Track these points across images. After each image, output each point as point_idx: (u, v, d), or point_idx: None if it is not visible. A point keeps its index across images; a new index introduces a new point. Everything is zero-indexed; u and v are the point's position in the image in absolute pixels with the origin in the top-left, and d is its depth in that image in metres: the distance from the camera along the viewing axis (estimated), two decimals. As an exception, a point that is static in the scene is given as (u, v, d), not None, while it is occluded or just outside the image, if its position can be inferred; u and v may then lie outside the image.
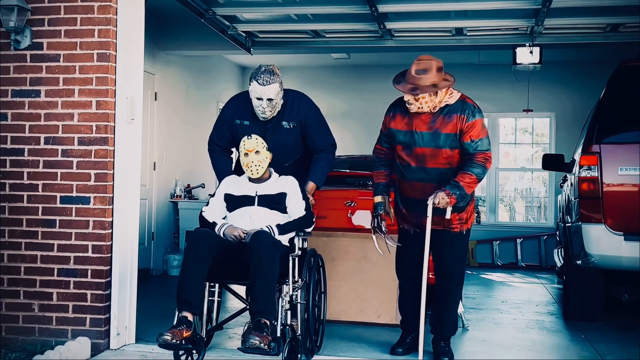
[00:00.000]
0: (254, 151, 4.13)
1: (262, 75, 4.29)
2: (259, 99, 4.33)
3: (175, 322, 3.73)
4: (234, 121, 4.54)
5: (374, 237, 4.45)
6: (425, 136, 4.16)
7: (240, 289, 4.79)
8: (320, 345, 4.51)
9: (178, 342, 3.60)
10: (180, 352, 3.92)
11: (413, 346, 4.45)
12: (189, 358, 3.99)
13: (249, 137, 4.16)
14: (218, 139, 4.67)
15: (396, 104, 4.32)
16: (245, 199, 4.18)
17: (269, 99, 4.32)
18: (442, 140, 4.13)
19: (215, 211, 4.21)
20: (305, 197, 4.25)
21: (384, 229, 4.39)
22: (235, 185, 4.27)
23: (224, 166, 4.66)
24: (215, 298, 4.10)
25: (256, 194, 4.17)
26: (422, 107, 4.10)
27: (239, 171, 4.42)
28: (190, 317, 3.74)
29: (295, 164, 4.62)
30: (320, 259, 4.55)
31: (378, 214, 4.41)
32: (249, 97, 4.47)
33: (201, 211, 4.24)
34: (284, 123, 4.50)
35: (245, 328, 4.76)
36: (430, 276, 4.40)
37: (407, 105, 4.14)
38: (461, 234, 4.35)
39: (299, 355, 4.05)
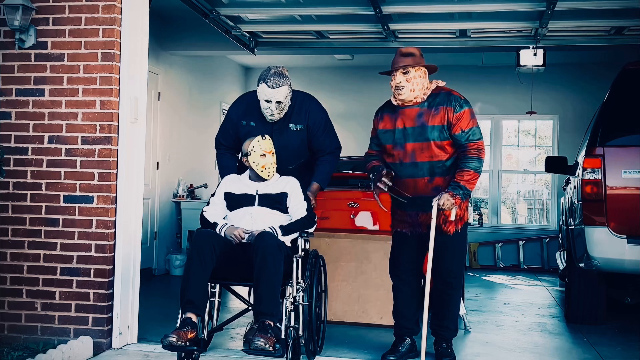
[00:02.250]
0: (271, 152, 4.14)
1: (272, 78, 4.26)
2: (267, 101, 4.32)
3: (179, 323, 3.72)
4: (240, 122, 4.51)
5: (376, 196, 4.32)
6: (413, 131, 4.19)
7: (241, 290, 4.79)
8: (322, 346, 4.51)
9: (183, 343, 3.58)
10: (182, 354, 3.91)
11: (407, 355, 4.42)
12: (190, 359, 3.98)
13: (264, 138, 4.16)
14: (224, 139, 4.66)
15: (383, 107, 4.38)
16: (245, 198, 4.17)
17: (278, 102, 4.31)
18: (429, 132, 4.15)
19: (216, 211, 4.20)
20: (306, 198, 4.25)
21: (387, 182, 4.19)
22: (235, 183, 4.26)
23: (227, 163, 4.65)
24: (216, 299, 4.10)
25: (257, 193, 4.17)
26: (400, 93, 4.15)
27: (242, 170, 4.41)
28: (194, 318, 3.73)
29: (299, 167, 4.60)
30: (322, 260, 4.54)
31: (378, 171, 4.26)
32: (255, 98, 4.46)
33: (202, 211, 4.23)
34: (291, 125, 4.48)
35: (248, 329, 4.76)
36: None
37: (394, 91, 4.19)
38: (455, 235, 4.28)
39: (301, 357, 4.05)
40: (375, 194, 4.35)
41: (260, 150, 4.12)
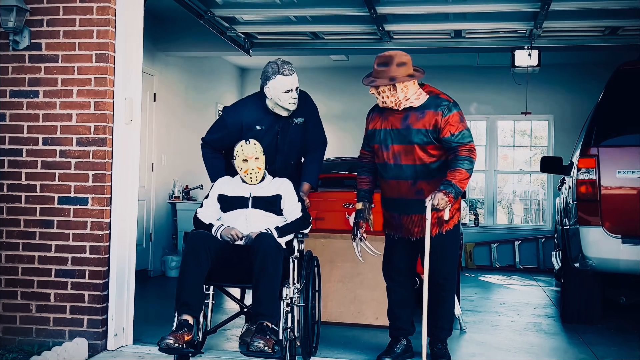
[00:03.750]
0: (253, 157, 4.12)
1: (286, 67, 4.33)
2: (288, 91, 4.34)
3: (175, 325, 3.70)
4: (247, 128, 4.46)
5: (353, 243, 4.44)
6: (397, 133, 4.16)
7: (235, 291, 4.78)
8: (317, 346, 4.50)
9: (180, 346, 3.57)
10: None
11: (402, 356, 4.43)
12: (184, 361, 3.96)
13: (247, 142, 4.14)
14: (215, 143, 4.59)
15: (375, 107, 4.35)
16: (239, 200, 4.16)
17: (296, 88, 4.37)
18: (414, 135, 4.11)
19: (210, 212, 4.19)
20: (300, 199, 4.25)
21: (359, 236, 4.39)
22: (228, 185, 4.25)
23: (216, 163, 4.62)
24: (210, 301, 4.05)
25: (250, 195, 4.16)
26: (385, 102, 4.12)
27: (231, 170, 4.39)
28: (190, 320, 3.71)
29: (298, 163, 4.63)
30: (316, 261, 4.53)
31: (357, 221, 4.41)
32: (257, 101, 4.49)
33: (195, 213, 4.22)
34: (292, 120, 4.51)
35: (244, 330, 4.76)
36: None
37: (376, 98, 4.18)
38: (441, 236, 4.26)
39: (296, 357, 4.05)
40: (353, 240, 4.43)
41: (243, 155, 4.11)
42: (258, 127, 4.46)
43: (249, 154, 4.11)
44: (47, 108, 4.47)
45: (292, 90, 4.35)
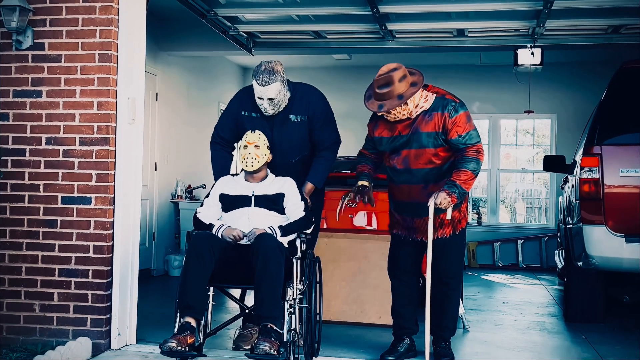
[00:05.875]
0: (254, 144, 4.12)
1: (262, 76, 4.20)
2: (260, 98, 4.29)
3: (178, 328, 3.67)
4: (240, 112, 4.46)
5: (342, 199, 4.38)
6: (407, 138, 4.14)
7: (235, 291, 4.77)
8: (319, 344, 4.49)
9: (183, 349, 3.53)
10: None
11: (405, 355, 4.42)
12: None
13: (253, 132, 4.16)
14: (222, 130, 4.58)
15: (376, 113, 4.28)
16: (241, 199, 4.14)
17: (270, 99, 4.27)
18: (424, 139, 4.10)
19: (210, 212, 4.17)
20: (303, 198, 4.23)
21: (357, 201, 4.32)
22: (231, 185, 4.23)
23: (223, 162, 4.60)
24: (210, 302, 4.01)
25: (253, 194, 4.15)
26: (397, 117, 4.10)
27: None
28: (193, 322, 3.68)
29: (302, 161, 4.57)
30: (318, 261, 4.50)
31: (361, 191, 4.31)
32: None
33: (195, 212, 4.20)
34: (292, 116, 4.43)
35: (237, 335, 4.71)
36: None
37: (385, 117, 4.15)
38: (454, 236, 4.28)
39: (298, 356, 4.04)
40: (346, 197, 4.39)
41: (244, 142, 4.14)
42: (253, 115, 4.43)
43: (251, 140, 4.13)
44: (50, 108, 4.47)
45: (262, 99, 4.27)
